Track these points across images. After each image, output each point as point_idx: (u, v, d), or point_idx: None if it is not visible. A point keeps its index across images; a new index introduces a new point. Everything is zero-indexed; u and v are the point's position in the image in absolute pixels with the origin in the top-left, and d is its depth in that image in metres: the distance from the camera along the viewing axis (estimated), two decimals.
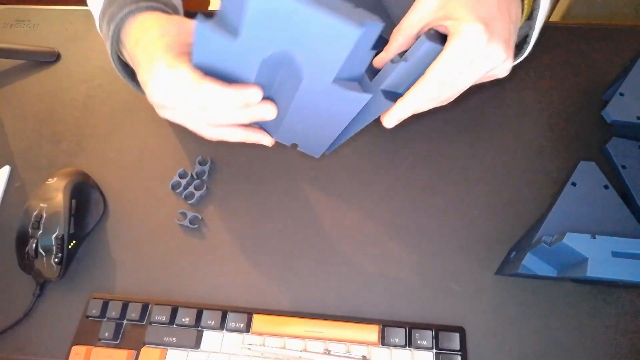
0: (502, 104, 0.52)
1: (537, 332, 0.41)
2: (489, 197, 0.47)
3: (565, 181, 0.42)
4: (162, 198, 0.50)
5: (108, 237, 0.48)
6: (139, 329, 0.42)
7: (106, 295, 0.44)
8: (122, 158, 0.52)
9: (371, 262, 0.45)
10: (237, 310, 0.42)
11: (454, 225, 0.46)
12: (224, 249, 0.47)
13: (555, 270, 0.38)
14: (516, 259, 0.40)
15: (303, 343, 0.41)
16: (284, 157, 0.51)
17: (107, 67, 0.59)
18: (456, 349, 0.39)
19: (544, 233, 0.39)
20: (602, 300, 0.42)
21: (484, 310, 0.42)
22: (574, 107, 0.51)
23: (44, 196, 0.46)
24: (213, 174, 0.51)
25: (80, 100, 0.57)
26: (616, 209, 0.41)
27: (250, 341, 0.41)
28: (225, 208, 0.49)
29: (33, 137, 0.55)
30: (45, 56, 0.60)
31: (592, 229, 0.39)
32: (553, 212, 0.40)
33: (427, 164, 0.49)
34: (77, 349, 0.42)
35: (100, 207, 0.49)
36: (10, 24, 0.63)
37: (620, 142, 0.47)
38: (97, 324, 0.43)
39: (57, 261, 0.44)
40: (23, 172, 0.53)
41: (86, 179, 0.50)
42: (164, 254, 0.47)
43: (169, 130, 0.54)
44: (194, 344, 0.41)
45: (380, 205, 0.48)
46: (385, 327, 0.40)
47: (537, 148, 0.49)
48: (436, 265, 0.44)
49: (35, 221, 0.44)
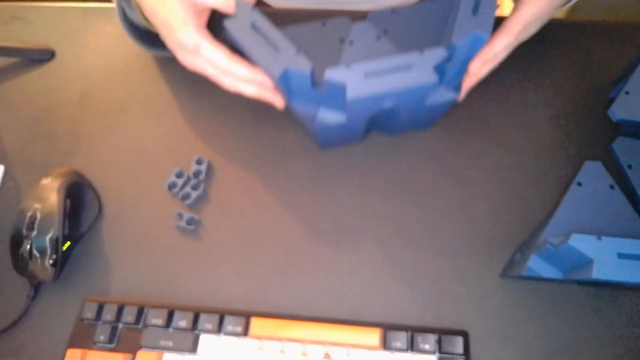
0: (506, 103, 0.51)
1: (542, 335, 0.40)
2: (493, 198, 0.46)
3: (571, 181, 0.41)
4: (158, 198, 0.49)
5: (103, 238, 0.47)
6: (134, 333, 0.42)
7: (101, 298, 0.43)
8: (117, 158, 0.52)
9: (372, 264, 0.44)
10: (234, 314, 0.41)
11: (457, 226, 0.45)
12: (221, 250, 0.46)
13: (561, 272, 0.38)
14: (521, 260, 0.40)
15: (303, 347, 0.40)
16: (283, 157, 0.50)
17: (102, 66, 0.58)
18: (459, 353, 0.39)
19: (549, 234, 0.38)
20: (609, 303, 0.41)
21: (488, 313, 0.41)
22: (579, 106, 0.50)
23: (38, 196, 0.45)
24: (210, 174, 0.50)
25: (76, 98, 0.56)
26: (622, 210, 0.40)
27: (248, 345, 0.40)
28: (223, 209, 0.48)
29: (27, 136, 0.54)
30: (40, 54, 0.59)
31: (598, 229, 0.38)
32: (558, 212, 0.40)
33: (430, 164, 0.48)
34: (72, 352, 0.41)
35: (96, 208, 0.48)
36: (4, 21, 0.62)
37: (626, 142, 0.46)
38: (92, 327, 0.42)
39: (52, 263, 0.43)
40: (17, 172, 0.52)
41: (81, 178, 0.49)
42: (160, 256, 0.46)
43: (165, 130, 0.53)
44: (191, 348, 0.40)
45: (382, 206, 0.47)
46: (386, 331, 0.40)
47: (542, 148, 0.48)
48: (439, 267, 0.44)
49: (29, 222, 0.44)
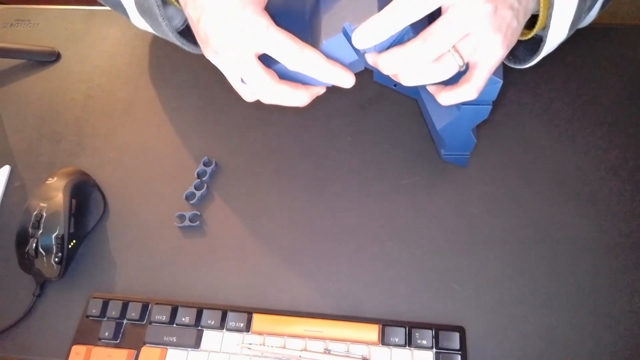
0: (501, 102, 0.52)
1: (538, 331, 0.41)
2: (490, 196, 0.47)
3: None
4: (162, 197, 0.50)
5: (108, 236, 0.48)
6: (139, 329, 0.42)
7: (106, 295, 0.44)
8: (122, 157, 0.52)
9: (371, 261, 0.45)
10: (237, 310, 0.42)
11: (454, 224, 0.46)
12: (224, 248, 0.47)
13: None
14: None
15: (303, 342, 0.41)
16: (284, 157, 0.51)
17: (107, 67, 0.59)
18: (456, 349, 0.39)
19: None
20: (608, 301, 0.42)
21: (484, 309, 0.42)
22: (580, 110, 0.51)
23: (44, 196, 0.46)
24: (213, 173, 0.51)
25: (80, 99, 0.57)
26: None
27: (251, 340, 0.41)
28: (226, 207, 0.49)
29: (33, 137, 0.55)
30: (45, 56, 0.60)
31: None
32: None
33: (428, 163, 0.49)
34: (77, 348, 0.42)
35: (101, 207, 0.49)
36: (10, 24, 0.63)
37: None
38: (97, 323, 0.43)
39: (57, 261, 0.44)
40: (23, 172, 0.53)
41: (86, 178, 0.50)
42: (164, 254, 0.47)
43: (169, 130, 0.54)
44: (194, 344, 0.41)
45: (380, 204, 0.48)
46: (385, 327, 0.40)
47: (537, 147, 0.49)
48: (436, 264, 0.44)
49: (35, 221, 0.44)
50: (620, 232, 0.44)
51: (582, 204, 0.46)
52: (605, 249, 0.44)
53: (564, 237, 0.45)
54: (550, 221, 0.45)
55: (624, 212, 0.45)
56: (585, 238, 0.44)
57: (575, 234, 0.45)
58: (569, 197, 0.46)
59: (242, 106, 0.54)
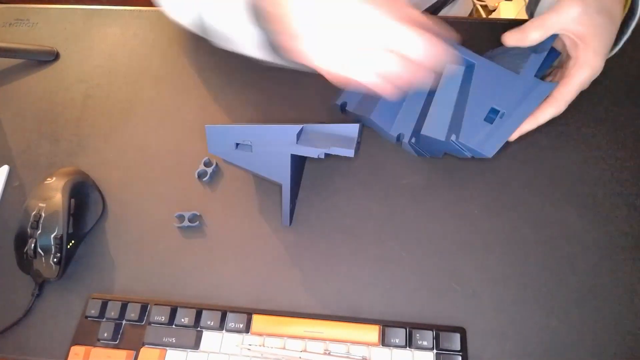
0: None
1: (538, 331, 0.41)
2: (489, 196, 0.47)
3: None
4: (161, 198, 0.49)
5: (107, 236, 0.48)
6: (138, 329, 0.42)
7: (105, 295, 0.44)
8: (121, 157, 0.52)
9: (371, 262, 0.45)
10: (236, 311, 0.42)
11: (454, 224, 0.46)
12: (224, 248, 0.47)
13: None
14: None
15: (303, 343, 0.40)
16: None
17: (106, 67, 0.59)
18: (457, 349, 0.39)
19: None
20: (603, 300, 0.42)
21: (485, 310, 0.42)
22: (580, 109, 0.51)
23: (42, 196, 0.46)
24: (212, 174, 0.50)
25: (80, 99, 0.57)
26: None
27: (250, 341, 0.41)
28: (225, 207, 0.49)
29: (32, 137, 0.55)
30: (44, 55, 0.60)
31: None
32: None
33: (428, 163, 0.49)
34: (76, 349, 0.41)
35: (99, 207, 0.49)
36: (9, 23, 0.63)
37: None
38: (96, 324, 0.43)
39: (56, 261, 0.44)
40: (22, 172, 0.52)
41: (85, 178, 0.50)
42: (163, 254, 0.47)
43: (168, 130, 0.54)
44: (194, 345, 0.41)
45: (380, 204, 0.47)
46: (385, 328, 0.40)
47: (535, 147, 0.49)
48: (436, 264, 0.44)
49: (34, 221, 0.44)
50: (620, 232, 0.44)
51: (582, 204, 0.46)
52: (605, 249, 0.44)
53: (564, 237, 0.45)
54: (550, 221, 0.45)
55: (624, 212, 0.45)
56: (585, 238, 0.44)
57: (575, 234, 0.45)
58: (569, 197, 0.46)
59: (243, 106, 0.54)
